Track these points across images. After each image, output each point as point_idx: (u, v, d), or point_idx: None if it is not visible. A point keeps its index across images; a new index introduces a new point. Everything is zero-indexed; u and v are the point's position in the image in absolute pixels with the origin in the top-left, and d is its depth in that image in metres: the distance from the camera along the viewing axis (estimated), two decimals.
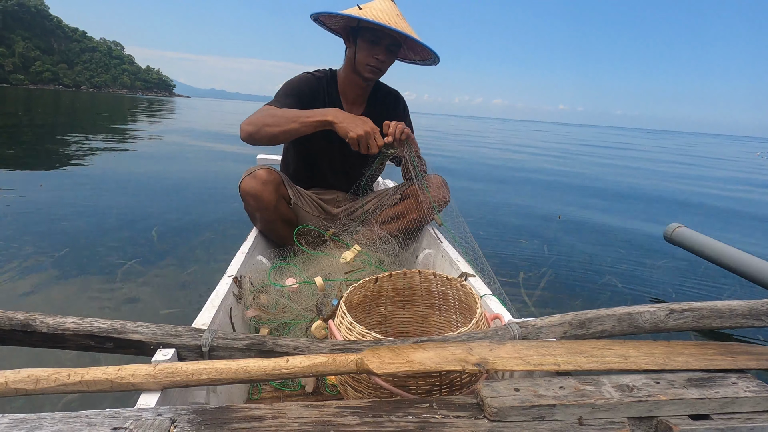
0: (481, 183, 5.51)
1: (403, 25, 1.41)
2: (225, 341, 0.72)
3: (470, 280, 1.17)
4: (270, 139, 1.37)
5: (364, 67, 1.49)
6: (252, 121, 1.38)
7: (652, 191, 5.76)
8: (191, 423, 0.52)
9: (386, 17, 1.39)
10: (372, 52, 1.47)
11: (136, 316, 1.65)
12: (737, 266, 1.98)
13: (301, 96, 1.53)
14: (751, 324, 0.81)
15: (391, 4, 1.46)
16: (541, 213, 3.90)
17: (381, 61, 1.49)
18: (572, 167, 8.35)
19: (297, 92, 1.53)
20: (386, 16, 1.40)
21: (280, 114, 1.37)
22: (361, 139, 1.30)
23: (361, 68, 1.50)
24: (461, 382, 0.76)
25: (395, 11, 1.44)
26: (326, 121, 1.32)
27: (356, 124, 1.31)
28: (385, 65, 1.52)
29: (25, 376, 0.60)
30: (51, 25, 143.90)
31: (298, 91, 1.53)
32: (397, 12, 1.44)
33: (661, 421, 0.57)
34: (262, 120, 1.37)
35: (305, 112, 1.35)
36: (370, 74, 1.51)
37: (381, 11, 1.41)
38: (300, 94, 1.53)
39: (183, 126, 13.55)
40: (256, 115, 1.40)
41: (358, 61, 1.50)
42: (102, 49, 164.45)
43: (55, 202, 3.17)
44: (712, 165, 11.91)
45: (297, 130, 1.35)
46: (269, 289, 1.19)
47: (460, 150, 10.81)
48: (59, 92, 65.94)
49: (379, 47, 1.47)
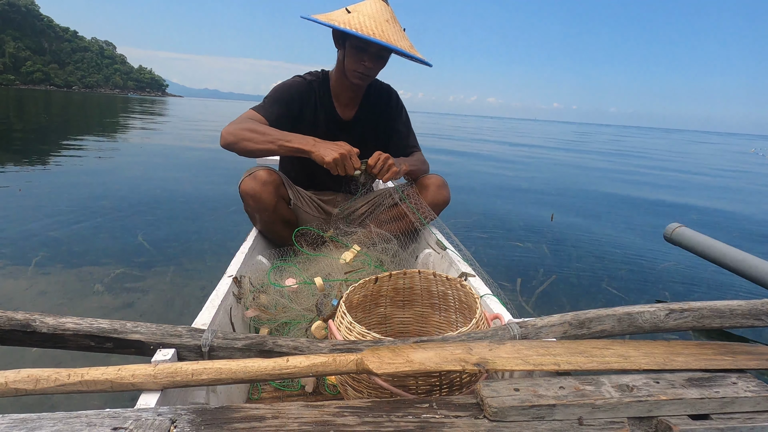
0: (478, 183, 5.51)
1: (391, 32, 1.36)
2: (225, 341, 0.72)
3: (470, 280, 1.17)
4: (246, 153, 1.39)
5: (352, 73, 1.47)
6: (232, 131, 1.38)
7: (651, 191, 5.76)
8: (191, 423, 0.52)
9: (373, 24, 1.33)
10: (359, 58, 1.43)
11: (135, 316, 1.65)
12: (737, 266, 1.98)
13: (290, 102, 1.52)
14: (751, 324, 0.81)
15: (381, 7, 1.40)
16: (537, 213, 3.90)
17: (369, 67, 1.45)
18: (569, 167, 8.35)
19: (286, 98, 1.52)
20: (373, 23, 1.34)
21: (260, 131, 1.38)
22: (337, 162, 1.31)
23: (349, 74, 1.48)
24: (461, 382, 0.76)
25: (385, 16, 1.38)
26: (302, 149, 1.34)
27: (331, 149, 1.32)
28: (373, 71, 1.48)
29: (25, 376, 0.60)
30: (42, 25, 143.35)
31: (288, 97, 1.52)
32: (387, 17, 1.38)
33: (661, 421, 0.57)
34: (242, 134, 1.37)
35: (285, 137, 1.36)
36: (358, 80, 1.49)
37: (369, 17, 1.35)
38: (289, 100, 1.52)
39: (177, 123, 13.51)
40: (238, 125, 1.40)
41: (346, 66, 1.47)
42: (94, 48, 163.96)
43: (45, 203, 3.17)
44: (709, 162, 11.95)
45: (275, 152, 1.37)
46: (269, 289, 1.19)
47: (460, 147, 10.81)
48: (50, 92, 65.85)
49: (367, 54, 1.42)
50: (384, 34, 1.33)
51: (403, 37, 1.42)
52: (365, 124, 1.65)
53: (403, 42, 1.38)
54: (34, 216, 2.80)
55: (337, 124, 1.61)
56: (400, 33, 1.41)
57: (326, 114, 1.59)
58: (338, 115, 1.61)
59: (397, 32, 1.39)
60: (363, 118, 1.65)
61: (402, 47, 1.35)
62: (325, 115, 1.59)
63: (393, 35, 1.36)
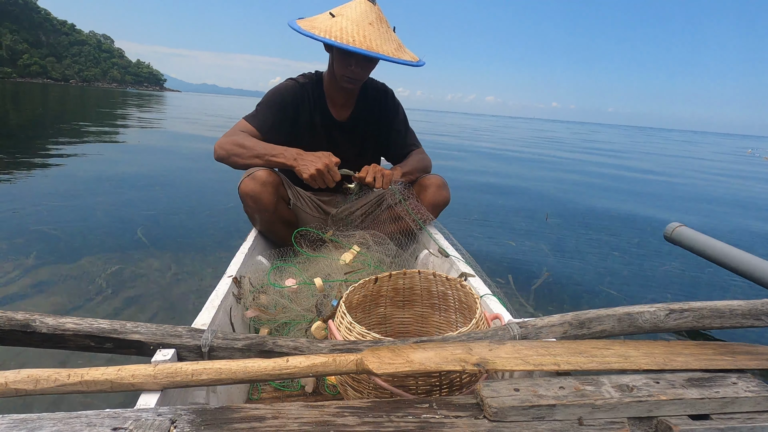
0: (476, 184, 5.51)
1: (374, 36, 1.31)
2: (225, 341, 0.72)
3: (470, 280, 1.17)
4: (237, 167, 1.47)
5: (341, 77, 1.46)
6: (223, 146, 1.45)
7: (649, 190, 5.76)
8: (191, 423, 0.52)
9: (356, 29, 1.30)
10: (346, 63, 1.41)
11: (135, 316, 1.65)
12: (737, 266, 1.98)
13: (284, 106, 1.53)
14: (751, 324, 0.81)
15: (367, 8, 1.35)
16: (535, 212, 3.90)
17: (356, 72, 1.43)
18: (566, 165, 8.35)
19: (280, 103, 1.53)
20: (356, 27, 1.30)
21: (248, 146, 1.43)
22: (314, 178, 1.35)
23: (339, 78, 1.48)
24: (461, 382, 0.76)
25: (369, 18, 1.33)
26: (287, 164, 1.39)
27: (310, 163, 1.35)
28: (361, 75, 1.46)
29: (25, 376, 0.60)
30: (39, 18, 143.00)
31: (281, 101, 1.53)
32: (371, 19, 1.33)
33: (661, 421, 0.57)
34: (231, 149, 1.43)
35: (270, 151, 1.42)
36: (348, 84, 1.48)
37: (352, 21, 1.31)
38: (282, 104, 1.53)
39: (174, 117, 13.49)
40: (228, 138, 1.46)
41: (335, 70, 1.47)
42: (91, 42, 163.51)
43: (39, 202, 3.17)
44: (709, 162, 11.97)
45: (262, 166, 1.43)
46: (269, 289, 1.19)
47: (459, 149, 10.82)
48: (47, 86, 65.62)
49: (353, 59, 1.40)
50: (366, 40, 1.29)
51: (389, 39, 1.37)
52: (362, 125, 1.65)
53: (386, 46, 1.33)
54: (33, 214, 2.80)
55: (334, 126, 1.61)
56: (385, 35, 1.36)
57: (321, 116, 1.59)
58: (333, 117, 1.61)
59: (382, 35, 1.35)
60: (359, 119, 1.64)
61: (384, 52, 1.30)
62: (320, 117, 1.59)
63: (376, 39, 1.31)
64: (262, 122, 1.49)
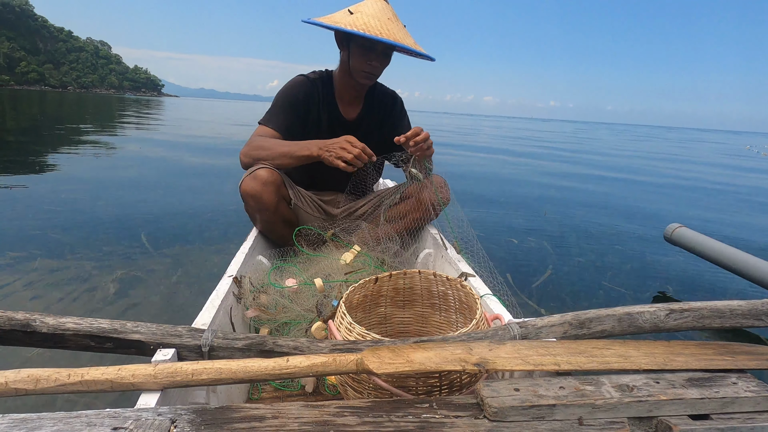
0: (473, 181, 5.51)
1: (396, 29, 1.38)
2: (225, 341, 0.72)
3: (470, 280, 1.17)
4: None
5: (359, 73, 1.49)
6: (247, 154, 1.48)
7: (651, 191, 5.75)
8: (191, 423, 0.52)
9: (378, 24, 1.35)
10: (366, 58, 1.45)
11: (136, 316, 1.65)
12: (737, 266, 1.98)
13: (296, 104, 1.54)
14: (751, 324, 0.81)
15: (383, 6, 1.41)
16: (535, 211, 3.90)
17: (376, 66, 1.47)
18: (565, 166, 8.35)
19: (291, 102, 1.55)
20: (378, 22, 1.36)
21: (270, 147, 1.46)
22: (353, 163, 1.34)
23: (356, 74, 1.50)
24: (461, 382, 0.76)
25: (387, 14, 1.39)
26: (312, 156, 1.40)
27: (341, 148, 1.34)
28: (379, 69, 1.51)
29: (25, 376, 0.60)
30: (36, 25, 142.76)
31: (293, 99, 1.55)
32: (389, 15, 1.40)
33: (661, 421, 0.57)
34: (256, 154, 1.47)
35: (291, 148, 1.43)
36: (366, 80, 1.51)
37: (372, 16, 1.37)
38: (295, 102, 1.55)
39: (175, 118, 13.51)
40: (251, 144, 1.49)
41: (352, 66, 1.49)
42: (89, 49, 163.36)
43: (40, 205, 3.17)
44: (708, 160, 11.97)
45: (288, 164, 1.45)
46: (269, 289, 1.19)
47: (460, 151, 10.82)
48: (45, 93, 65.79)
49: (374, 53, 1.45)
50: (390, 32, 1.35)
51: (407, 35, 1.44)
52: (368, 125, 1.66)
53: (408, 39, 1.41)
54: (34, 216, 2.81)
55: (341, 124, 1.62)
56: (403, 31, 1.43)
57: (330, 114, 1.60)
58: (342, 115, 1.62)
59: (401, 30, 1.42)
60: (366, 119, 1.66)
61: (408, 44, 1.38)
62: (328, 114, 1.60)
63: (398, 33, 1.38)
64: (279, 123, 1.53)
